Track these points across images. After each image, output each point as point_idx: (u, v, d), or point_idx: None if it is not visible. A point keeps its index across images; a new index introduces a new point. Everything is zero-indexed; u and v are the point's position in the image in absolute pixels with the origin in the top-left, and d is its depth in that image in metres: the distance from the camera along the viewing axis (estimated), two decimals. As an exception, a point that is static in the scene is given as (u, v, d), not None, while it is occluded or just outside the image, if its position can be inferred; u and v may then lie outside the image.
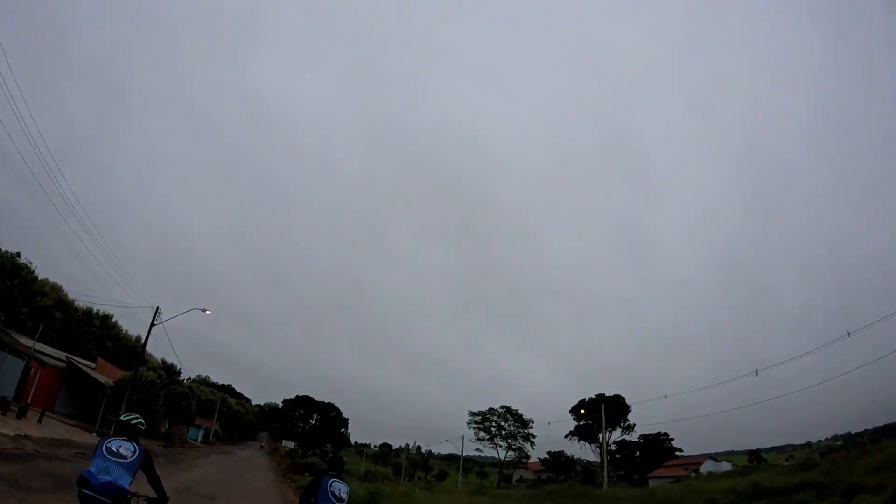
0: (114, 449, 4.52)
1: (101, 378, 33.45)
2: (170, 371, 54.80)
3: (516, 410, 72.19)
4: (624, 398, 60.70)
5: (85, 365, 34.24)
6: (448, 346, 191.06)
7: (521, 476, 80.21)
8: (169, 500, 5.06)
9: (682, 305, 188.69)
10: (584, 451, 67.80)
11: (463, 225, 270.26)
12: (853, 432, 62.17)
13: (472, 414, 74.51)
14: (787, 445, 75.74)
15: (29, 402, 24.40)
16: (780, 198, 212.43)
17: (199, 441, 55.22)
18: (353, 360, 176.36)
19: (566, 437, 63.68)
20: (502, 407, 72.97)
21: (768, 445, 74.38)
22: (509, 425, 72.08)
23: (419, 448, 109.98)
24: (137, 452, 4.62)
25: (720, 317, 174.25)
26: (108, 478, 4.29)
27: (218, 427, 73.37)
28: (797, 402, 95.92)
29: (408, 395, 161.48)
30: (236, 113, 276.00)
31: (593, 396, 62.15)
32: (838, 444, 53.48)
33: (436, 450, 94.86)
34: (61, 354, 33.58)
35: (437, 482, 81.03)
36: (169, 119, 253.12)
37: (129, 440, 4.69)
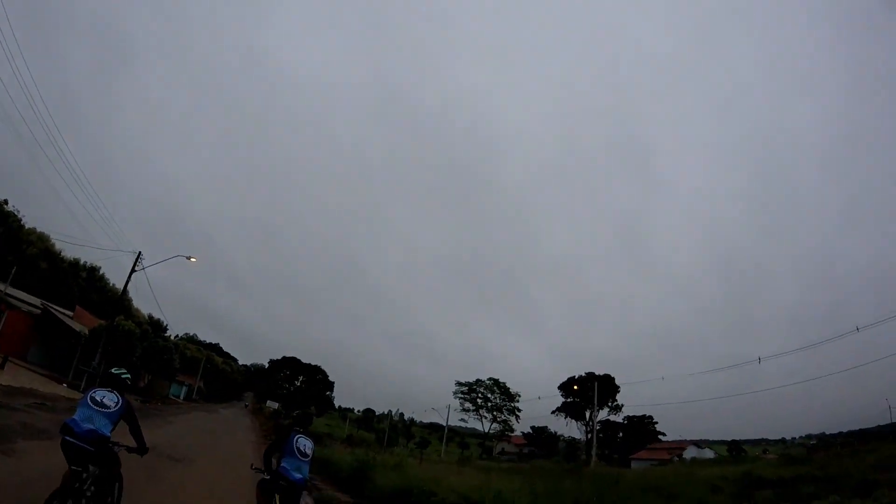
0: (98, 399, 4.70)
1: (77, 327, 31.89)
2: (156, 326, 53.85)
3: (504, 383, 72.00)
4: (614, 378, 60.36)
5: (61, 312, 32.61)
6: (438, 323, 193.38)
7: (503, 449, 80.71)
8: (148, 451, 5.31)
9: (673, 299, 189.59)
10: (569, 429, 67.92)
11: (461, 204, 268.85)
12: (827, 433, 63.07)
13: (459, 384, 74.26)
14: (762, 440, 76.58)
15: (-8, 347, 22.74)
16: (779, 202, 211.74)
17: (181, 398, 54.29)
18: (343, 328, 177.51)
19: (553, 412, 63.56)
20: (490, 379, 72.77)
21: (744, 438, 75.49)
22: (496, 397, 71.83)
23: (402, 415, 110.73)
24: (120, 403, 4.79)
25: (711, 313, 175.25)
26: (90, 426, 4.47)
27: (202, 385, 72.55)
28: (774, 400, 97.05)
29: (394, 367, 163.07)
30: (240, 74, 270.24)
31: (583, 374, 61.74)
32: (812, 442, 54.25)
33: (419, 418, 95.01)
34: (36, 300, 31.89)
35: (418, 449, 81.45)
36: (171, 78, 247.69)
37: (114, 391, 4.87)
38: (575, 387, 58.09)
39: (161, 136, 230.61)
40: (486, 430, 74.32)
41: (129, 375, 5.13)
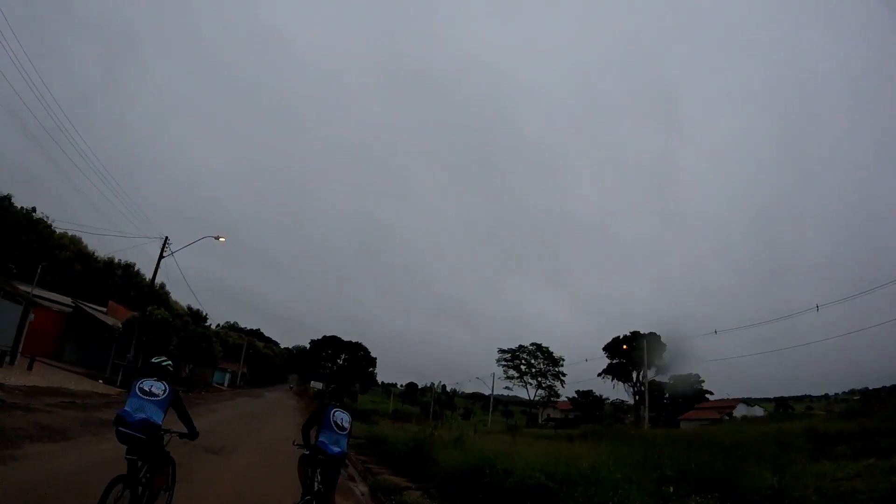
0: (146, 388, 4.83)
1: (111, 321, 31.32)
2: (196, 317, 54.02)
3: (546, 348, 70.16)
4: (660, 336, 57.63)
5: (94, 309, 32.10)
6: (471, 289, 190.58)
7: (548, 415, 79.52)
8: (199, 435, 5.46)
9: (708, 251, 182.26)
10: (615, 391, 66.11)
11: (485, 165, 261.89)
12: (870, 388, 60.34)
13: (502, 351, 72.80)
14: (805, 396, 74.74)
15: (20, 349, 21.94)
16: (812, 145, 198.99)
17: (225, 385, 54.51)
18: (378, 302, 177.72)
19: (599, 375, 61.49)
20: (532, 344, 71.01)
21: (787, 395, 73.12)
22: (539, 363, 70.24)
23: (444, 387, 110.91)
24: (168, 391, 4.93)
25: (745, 263, 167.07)
26: (142, 415, 4.62)
27: (245, 371, 73.23)
28: (815, 354, 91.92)
29: (432, 337, 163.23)
30: (248, 54, 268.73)
31: (628, 334, 59.25)
32: (856, 398, 53.29)
33: (461, 389, 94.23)
34: (67, 299, 31.39)
35: (464, 420, 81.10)
36: (180, 65, 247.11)
37: (160, 380, 4.97)
38: (624, 347, 55.71)
39: (178, 123, 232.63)
40: (531, 397, 73.10)
41: (170, 363, 5.27)
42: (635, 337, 56.53)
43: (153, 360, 5.22)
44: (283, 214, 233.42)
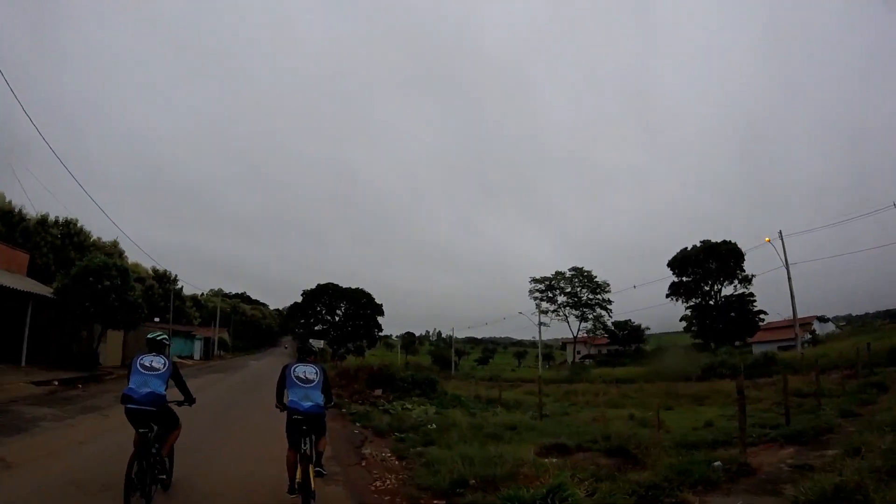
0: (147, 364, 5.13)
1: (24, 285, 19.17)
2: (163, 279, 45.55)
3: (589, 272, 59.36)
4: (736, 244, 46.90)
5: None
6: (450, 230, 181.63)
7: (584, 353, 69.94)
8: (195, 402, 5.84)
9: (691, 175, 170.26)
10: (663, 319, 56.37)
11: (450, 88, 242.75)
12: (854, 314, 64.07)
13: (536, 281, 62.01)
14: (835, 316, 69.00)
15: None
16: (797, 55, 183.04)
17: (196, 356, 42.64)
18: (358, 253, 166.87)
19: (668, 296, 50.95)
20: (571, 269, 60.01)
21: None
22: (579, 290, 59.70)
23: (439, 334, 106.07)
24: (167, 364, 5.24)
25: (730, 187, 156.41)
26: (147, 389, 4.95)
27: (226, 336, 61.80)
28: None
29: (418, 284, 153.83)
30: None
31: (697, 244, 48.29)
32: (842, 324, 54.82)
33: (458, 334, 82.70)
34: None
35: (481, 367, 71.26)
36: (113, 19, 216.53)
37: (158, 354, 5.30)
38: (767, 240, 43.06)
39: (121, 85, 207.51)
40: (576, 333, 62.96)
41: (166, 336, 5.78)
42: (708, 247, 45.93)
43: (149, 335, 5.57)
44: (249, 171, 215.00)
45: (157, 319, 40.41)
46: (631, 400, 21.83)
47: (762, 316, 50.86)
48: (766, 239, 32.38)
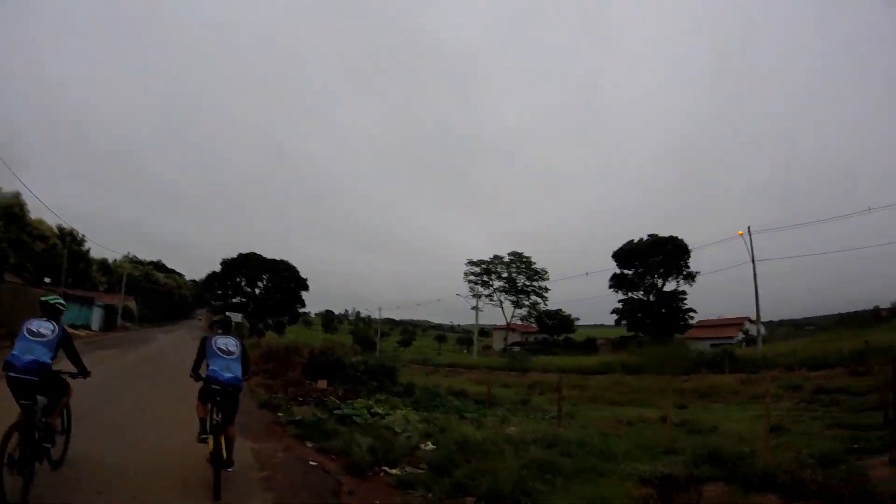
0: (34, 329, 4.67)
1: None
2: (68, 239, 41.13)
3: (528, 258, 59.19)
4: (682, 240, 48.48)
5: None
6: (382, 214, 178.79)
7: (511, 340, 70.58)
8: (90, 374, 5.29)
9: (629, 177, 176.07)
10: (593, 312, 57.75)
11: (401, 74, 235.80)
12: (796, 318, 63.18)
13: (472, 263, 60.80)
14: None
15: None
16: (743, 68, 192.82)
17: (94, 326, 37.81)
18: (283, 227, 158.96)
19: (610, 287, 51.68)
20: (511, 254, 59.50)
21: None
22: (516, 276, 59.65)
23: (358, 314, 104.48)
24: (57, 330, 4.76)
25: (676, 190, 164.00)
26: (30, 356, 4.48)
27: (133, 305, 56.18)
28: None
29: (346, 265, 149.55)
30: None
31: (644, 238, 49.45)
32: (810, 326, 55.56)
33: (386, 314, 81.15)
34: None
35: (402, 348, 70.04)
36: None
37: (49, 319, 4.83)
38: (740, 233, 43.01)
39: (32, 24, 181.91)
40: (510, 319, 62.96)
41: (61, 301, 5.16)
42: (654, 242, 47.44)
43: (42, 298, 5.13)
44: (171, 133, 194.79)
45: (47, 280, 35.39)
46: (625, 396, 20.21)
47: (692, 314, 52.77)
48: (739, 233, 33.09)
